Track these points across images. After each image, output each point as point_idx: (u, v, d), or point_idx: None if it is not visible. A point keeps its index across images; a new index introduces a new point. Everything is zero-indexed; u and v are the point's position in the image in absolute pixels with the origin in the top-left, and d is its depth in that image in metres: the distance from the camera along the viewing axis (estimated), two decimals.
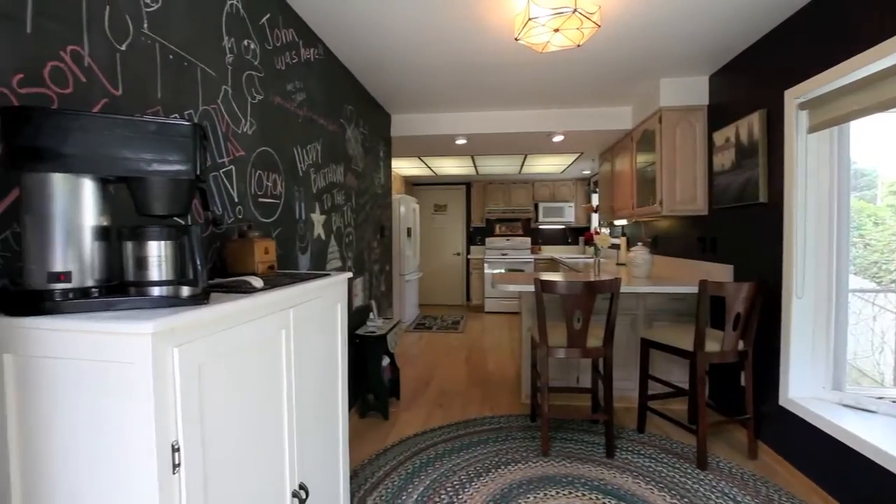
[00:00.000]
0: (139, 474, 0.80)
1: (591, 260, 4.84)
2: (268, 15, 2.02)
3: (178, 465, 0.85)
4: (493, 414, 3.09)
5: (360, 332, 2.96)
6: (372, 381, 2.94)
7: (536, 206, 7.60)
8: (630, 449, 2.57)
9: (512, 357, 4.59)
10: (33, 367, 0.84)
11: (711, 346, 2.41)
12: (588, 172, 7.00)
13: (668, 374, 3.20)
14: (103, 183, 0.91)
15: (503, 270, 7.13)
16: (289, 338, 1.24)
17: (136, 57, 1.28)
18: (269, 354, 1.17)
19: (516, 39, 2.23)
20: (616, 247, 5.43)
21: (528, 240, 7.79)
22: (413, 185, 7.94)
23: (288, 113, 2.21)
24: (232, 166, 1.72)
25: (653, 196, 3.56)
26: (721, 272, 3.00)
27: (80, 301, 0.86)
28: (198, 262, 0.90)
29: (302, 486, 1.35)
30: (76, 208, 0.86)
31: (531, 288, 2.91)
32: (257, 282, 1.18)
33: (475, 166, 6.38)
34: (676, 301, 3.22)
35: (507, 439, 2.70)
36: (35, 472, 0.86)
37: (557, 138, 4.48)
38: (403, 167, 6.45)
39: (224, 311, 0.96)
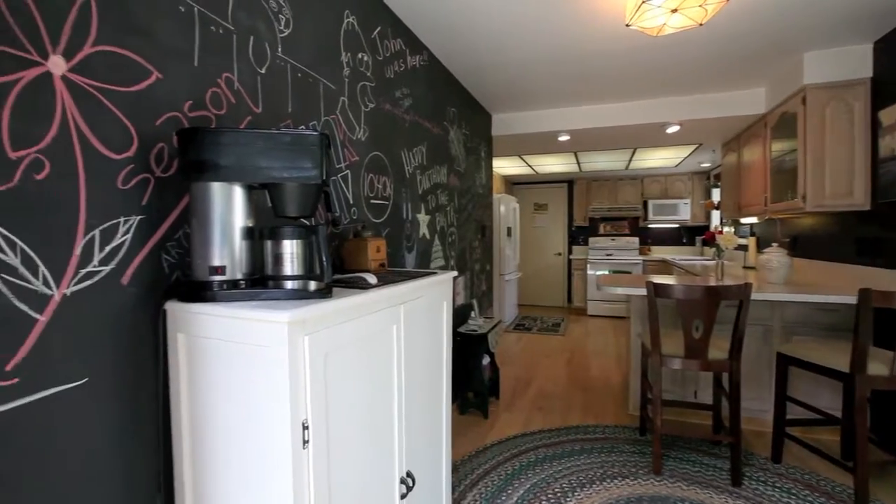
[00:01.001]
0: (277, 445, 0.91)
1: (712, 262, 4.35)
2: (378, 28, 2.16)
3: (307, 441, 0.94)
4: (596, 423, 2.94)
5: (461, 329, 3.02)
6: (472, 379, 2.98)
7: (645, 204, 7.05)
8: (762, 479, 2.26)
9: (618, 364, 4.32)
10: (198, 345, 1.00)
11: (876, 368, 2.01)
12: (707, 165, 6.30)
13: (812, 398, 2.75)
14: (249, 189, 1.05)
15: (607, 272, 6.74)
16: (399, 332, 1.31)
17: (272, 78, 1.45)
18: (382, 347, 1.24)
19: (627, 25, 2.09)
20: (743, 248, 4.81)
21: (636, 240, 7.26)
22: (513, 184, 7.88)
23: (396, 118, 2.34)
24: (348, 171, 1.86)
25: (792, 190, 3.08)
26: (889, 279, 2.49)
27: (231, 291, 0.99)
28: (324, 259, 0.99)
29: (409, 474, 1.42)
30: (229, 211, 1.01)
31: (642, 291, 2.71)
32: (372, 278, 1.26)
33: (578, 163, 6.12)
34: (824, 312, 2.75)
35: (612, 451, 2.55)
36: (199, 427, 1.02)
37: (672, 129, 4.10)
38: (504, 166, 6.43)
39: (345, 304, 1.04)
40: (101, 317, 0.94)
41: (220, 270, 0.99)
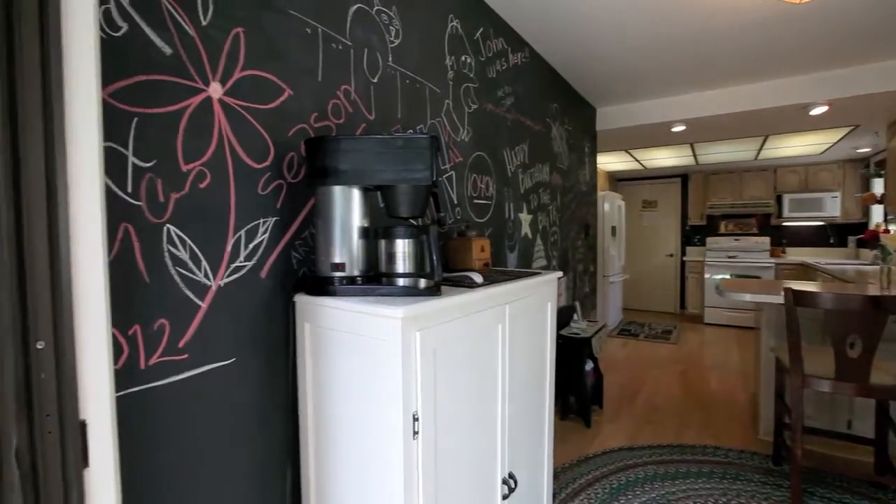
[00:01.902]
0: (389, 432, 0.96)
1: (874, 267, 3.65)
2: (481, 29, 2.17)
3: (417, 432, 0.98)
4: (717, 444, 2.64)
5: (563, 332, 2.92)
6: (574, 384, 2.86)
7: (779, 199, 6.15)
8: None
9: (743, 380, 3.83)
10: (321, 335, 1.09)
11: None
12: (867, 151, 5.29)
13: None
14: (365, 191, 1.12)
15: (729, 276, 6.01)
16: (504, 332, 1.31)
17: (383, 86, 1.54)
18: (487, 346, 1.24)
19: None
20: None
21: (767, 240, 6.36)
22: (618, 180, 7.42)
23: (498, 118, 2.33)
24: (452, 171, 1.91)
25: None
26: None
27: (349, 286, 1.07)
28: (434, 258, 1.02)
29: (511, 476, 1.41)
30: (348, 213, 1.09)
31: (777, 299, 2.36)
32: (478, 277, 1.27)
33: (695, 155, 5.55)
34: None
35: (738, 479, 2.26)
36: (320, 408, 1.12)
37: (817, 110, 3.52)
38: (609, 162, 6.08)
39: (453, 302, 1.06)
40: (245, 306, 1.08)
41: (340, 267, 1.07)
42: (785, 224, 6.32)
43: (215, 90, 1.02)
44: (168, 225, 0.92)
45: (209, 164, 1.00)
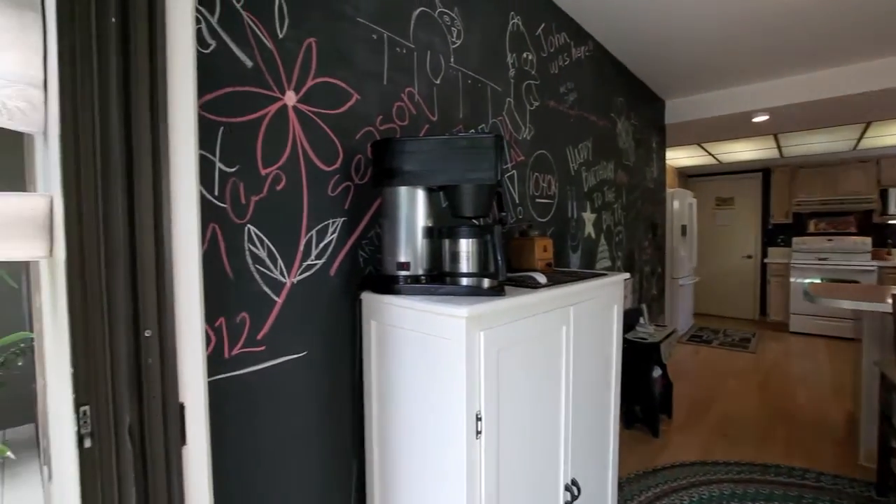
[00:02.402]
0: (452, 431, 0.97)
1: None
2: (542, 25, 2.12)
3: (480, 432, 0.98)
4: (806, 466, 2.40)
5: (628, 336, 2.79)
6: (640, 391, 2.72)
7: (884, 194, 5.46)
8: None
9: (837, 396, 3.45)
10: (386, 332, 1.12)
11: None
12: None
13: None
14: (429, 191, 1.14)
15: (819, 279, 5.43)
16: (568, 335, 1.27)
17: (445, 86, 1.56)
18: (551, 348, 1.22)
19: None
20: None
21: (867, 240, 5.68)
22: (689, 176, 6.96)
23: (560, 114, 2.28)
24: (514, 171, 1.88)
25: None
26: None
27: (414, 285, 1.09)
28: (499, 258, 1.02)
29: (574, 482, 1.37)
30: (413, 213, 1.11)
31: (884, 307, 2.10)
32: (541, 278, 1.25)
33: (779, 147, 5.08)
34: None
35: None
36: (385, 403, 1.15)
37: None
38: (679, 157, 5.73)
39: (517, 303, 1.05)
40: (316, 302, 1.13)
41: (405, 266, 1.10)
42: (891, 222, 5.60)
43: (290, 98, 1.08)
44: (249, 225, 0.99)
45: (284, 168, 1.06)
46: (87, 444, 0.51)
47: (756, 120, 3.79)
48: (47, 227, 0.82)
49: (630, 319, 2.95)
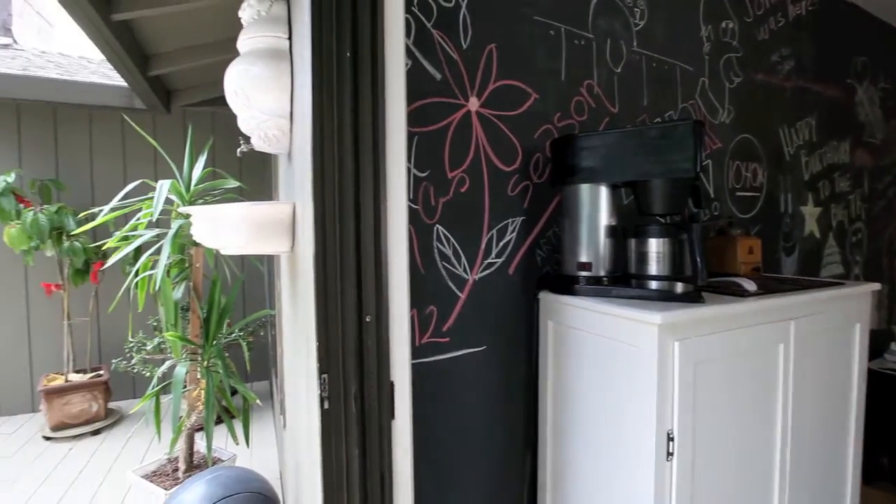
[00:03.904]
0: (637, 447, 0.89)
1: None
2: None
3: (672, 453, 0.88)
4: None
5: (873, 366, 2.17)
6: (890, 438, 2.09)
7: None
8: None
9: None
10: (564, 333, 1.10)
11: None
12: None
13: None
14: (613, 188, 1.07)
15: None
16: (787, 355, 1.05)
17: (627, 74, 1.44)
18: (763, 370, 1.02)
19: None
20: None
21: None
22: None
23: (771, 89, 1.89)
24: (708, 160, 1.64)
25: None
26: None
27: (595, 287, 1.04)
28: (698, 260, 0.90)
29: None
30: (595, 211, 1.06)
31: None
32: (749, 284, 1.06)
33: None
34: None
35: None
36: (560, 405, 1.12)
37: None
38: None
39: (720, 312, 0.91)
40: (495, 299, 1.17)
41: (586, 266, 1.05)
42: None
43: (473, 104, 1.14)
44: (437, 225, 1.08)
45: (468, 171, 1.12)
46: (326, 405, 0.63)
47: None
48: (291, 227, 1.03)
49: (875, 344, 2.29)
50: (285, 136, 1.09)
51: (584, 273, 1.05)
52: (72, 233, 2.65)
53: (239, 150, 1.20)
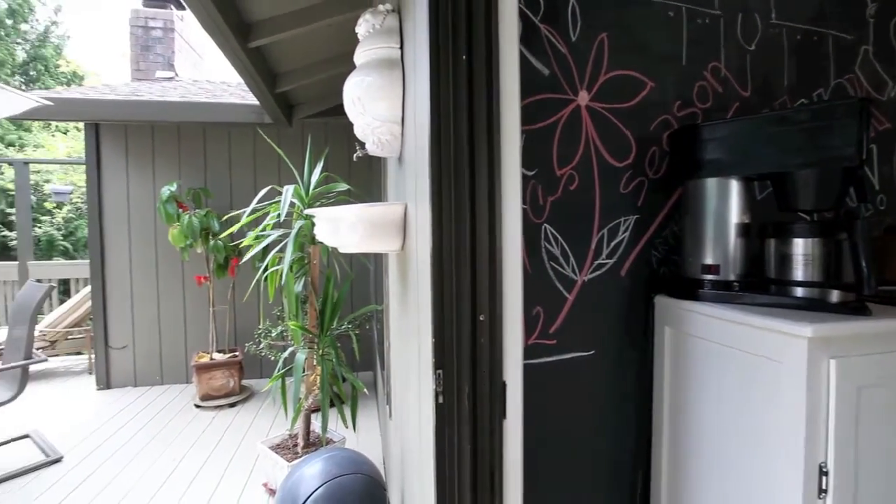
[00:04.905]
0: (779, 481, 0.78)
1: None
2: None
3: (825, 490, 0.76)
4: None
5: None
6: None
7: None
8: None
9: None
10: (685, 341, 1.00)
11: None
12: None
13: None
14: (746, 182, 0.95)
15: None
16: None
17: (762, 52, 1.27)
18: None
19: None
20: None
21: None
22: None
23: None
24: (872, 145, 1.38)
25: None
26: None
27: (724, 292, 0.94)
28: (864, 265, 0.76)
29: None
30: (724, 207, 0.95)
31: None
32: None
33: None
34: None
35: None
36: (678, 424, 1.03)
37: None
38: None
39: (893, 327, 0.76)
40: (605, 302, 1.11)
41: (712, 269, 0.95)
42: None
43: (583, 98, 1.09)
44: (545, 224, 1.05)
45: (577, 168, 1.08)
46: (440, 400, 0.65)
47: None
48: (402, 227, 1.08)
49: None
50: (397, 140, 1.15)
51: (709, 276, 0.95)
52: (216, 233, 3.09)
53: (355, 155, 1.29)
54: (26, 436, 2.51)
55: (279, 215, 2.03)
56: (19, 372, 2.22)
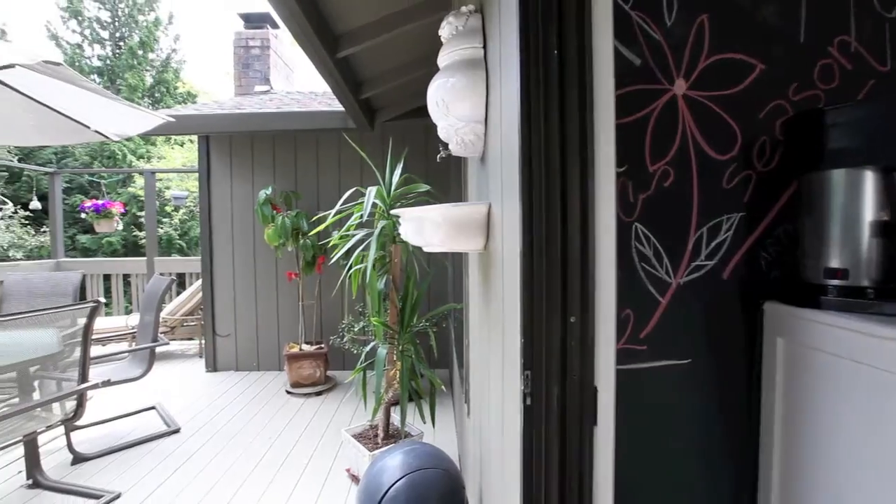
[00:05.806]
0: None
1: None
2: None
3: None
4: None
5: None
6: None
7: None
8: None
9: None
10: (801, 355, 0.89)
11: None
12: None
13: None
14: (885, 173, 0.82)
15: None
16: None
17: None
18: None
19: None
20: None
21: None
22: None
23: None
24: None
25: None
26: None
27: (854, 300, 0.82)
28: None
29: None
30: (855, 203, 0.83)
31: None
32: None
33: None
34: None
35: None
36: (792, 447, 0.92)
37: None
38: None
39: None
40: (704, 307, 1.02)
41: (838, 274, 0.83)
42: None
43: (679, 87, 1.01)
44: (636, 223, 1.00)
45: (673, 162, 1.01)
46: (528, 402, 0.64)
47: None
48: (485, 227, 1.08)
49: None
50: (480, 140, 1.15)
51: (835, 282, 0.83)
52: (305, 232, 3.32)
53: (438, 155, 1.31)
54: (152, 407, 2.89)
55: (362, 216, 2.13)
56: (148, 353, 2.57)
